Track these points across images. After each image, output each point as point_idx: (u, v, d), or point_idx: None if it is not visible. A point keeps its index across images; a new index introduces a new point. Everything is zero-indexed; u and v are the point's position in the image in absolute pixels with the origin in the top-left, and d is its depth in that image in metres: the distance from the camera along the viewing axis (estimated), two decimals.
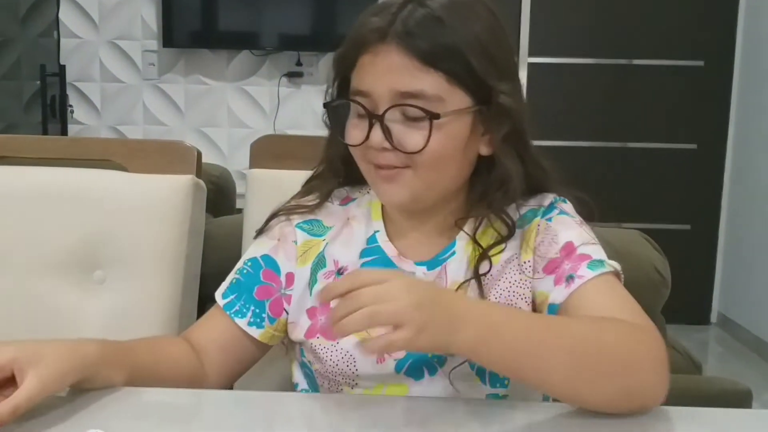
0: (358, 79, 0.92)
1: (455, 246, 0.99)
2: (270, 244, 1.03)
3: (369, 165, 0.94)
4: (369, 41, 0.90)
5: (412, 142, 0.89)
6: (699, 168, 3.88)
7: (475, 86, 0.91)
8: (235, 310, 1.00)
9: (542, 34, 3.78)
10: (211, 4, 3.76)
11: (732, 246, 3.89)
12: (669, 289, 1.51)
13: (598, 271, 0.91)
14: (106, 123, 3.88)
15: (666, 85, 3.81)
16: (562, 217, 0.98)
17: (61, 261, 1.23)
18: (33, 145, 1.33)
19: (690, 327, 3.80)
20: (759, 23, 3.67)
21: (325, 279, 1.00)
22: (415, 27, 0.88)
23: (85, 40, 3.81)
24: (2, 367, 0.77)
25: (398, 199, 0.95)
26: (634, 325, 0.86)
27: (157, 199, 1.24)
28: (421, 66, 0.88)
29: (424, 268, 0.99)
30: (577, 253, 0.93)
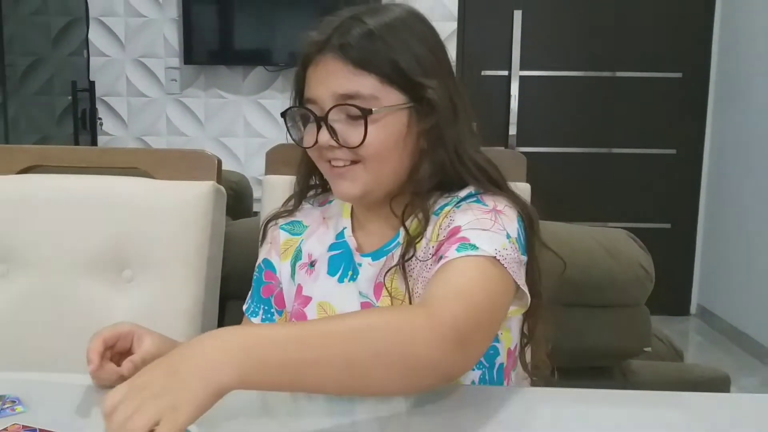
0: (307, 88, 0.96)
1: (398, 237, 0.99)
2: (266, 249, 1.10)
3: (326, 164, 0.96)
4: (311, 54, 0.94)
5: (353, 137, 0.92)
6: (678, 171, 3.87)
7: (406, 85, 0.93)
8: (251, 312, 1.09)
9: (533, 49, 3.78)
10: (228, 25, 3.77)
11: (710, 243, 3.88)
12: (653, 283, 1.51)
13: (464, 252, 0.85)
14: (133, 134, 3.89)
15: (647, 95, 3.81)
16: (470, 203, 0.95)
17: (92, 261, 1.24)
18: (67, 155, 1.34)
19: (672, 318, 3.80)
20: (733, 39, 3.66)
21: (299, 269, 1.05)
22: (349, 38, 0.92)
23: (112, 59, 3.82)
24: (126, 334, 0.92)
25: (351, 193, 0.96)
26: (417, 307, 0.84)
27: (180, 204, 1.25)
28: (355, 70, 0.92)
29: (369, 258, 1.01)
30: (459, 235, 0.89)
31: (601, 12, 3.77)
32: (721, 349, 3.48)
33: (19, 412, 0.82)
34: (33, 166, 1.30)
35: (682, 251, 3.91)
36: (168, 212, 1.24)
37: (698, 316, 3.92)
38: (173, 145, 3.84)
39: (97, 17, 3.77)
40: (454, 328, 0.76)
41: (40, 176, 1.30)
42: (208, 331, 0.73)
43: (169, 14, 3.78)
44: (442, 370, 0.77)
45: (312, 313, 1.03)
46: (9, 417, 0.80)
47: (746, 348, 3.39)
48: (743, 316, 3.48)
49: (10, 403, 0.83)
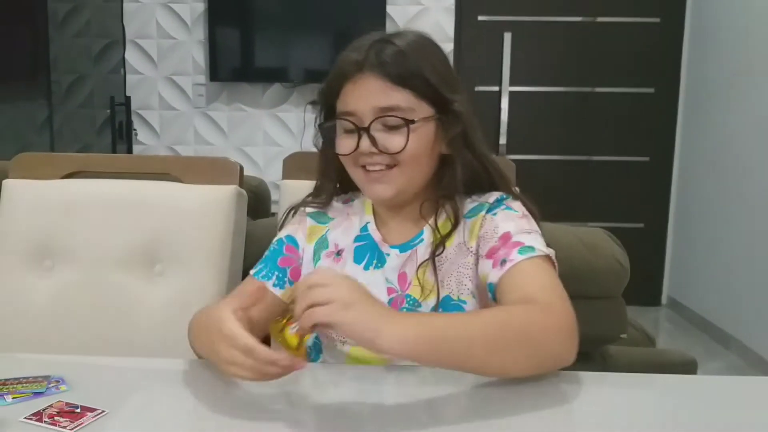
0: (343, 103, 0.97)
1: (423, 234, 1.02)
2: (291, 228, 1.09)
3: (359, 169, 0.98)
4: (349, 72, 0.95)
5: (393, 144, 0.94)
6: (651, 177, 3.86)
7: (435, 99, 0.96)
8: (262, 275, 1.05)
9: (521, 67, 3.77)
10: (249, 46, 3.77)
11: (679, 241, 3.87)
12: (628, 276, 1.51)
13: (526, 255, 0.91)
14: (164, 143, 3.89)
15: (623, 109, 3.80)
16: (506, 211, 0.99)
17: (127, 256, 1.24)
18: (106, 162, 1.34)
19: (645, 308, 3.79)
20: (700, 57, 3.65)
21: (325, 257, 1.06)
22: (386, 57, 0.94)
23: (146, 76, 3.83)
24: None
25: (385, 194, 0.98)
26: (541, 305, 0.85)
27: (206, 206, 1.25)
28: (393, 86, 0.94)
29: (397, 250, 1.02)
30: (512, 240, 0.93)
31: (581, 35, 3.76)
32: (689, 336, 3.47)
33: (63, 390, 0.82)
34: (75, 172, 1.31)
35: (654, 248, 3.90)
36: (195, 213, 1.24)
37: (668, 306, 3.91)
38: (200, 153, 3.84)
39: (132, 39, 3.77)
40: (570, 323, 0.83)
41: (81, 181, 1.30)
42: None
43: (197, 37, 3.78)
44: (565, 357, 0.83)
45: None
46: (54, 395, 0.81)
47: (712, 335, 3.38)
48: (709, 306, 3.47)
49: (55, 382, 0.84)
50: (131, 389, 0.83)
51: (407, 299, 1.00)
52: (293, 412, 0.81)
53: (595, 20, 3.75)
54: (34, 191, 1.28)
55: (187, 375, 0.92)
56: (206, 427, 0.75)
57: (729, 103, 3.34)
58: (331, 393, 0.87)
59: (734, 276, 3.23)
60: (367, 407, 0.82)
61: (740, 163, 3.22)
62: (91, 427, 0.73)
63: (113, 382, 0.86)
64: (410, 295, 1.00)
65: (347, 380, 0.90)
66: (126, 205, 1.26)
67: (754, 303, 3.04)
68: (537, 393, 0.84)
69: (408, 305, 0.99)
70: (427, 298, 0.99)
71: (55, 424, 0.73)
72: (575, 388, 0.84)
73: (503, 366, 0.81)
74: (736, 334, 3.17)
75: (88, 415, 0.75)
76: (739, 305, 3.18)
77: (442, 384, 0.85)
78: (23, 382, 0.83)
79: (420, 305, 0.99)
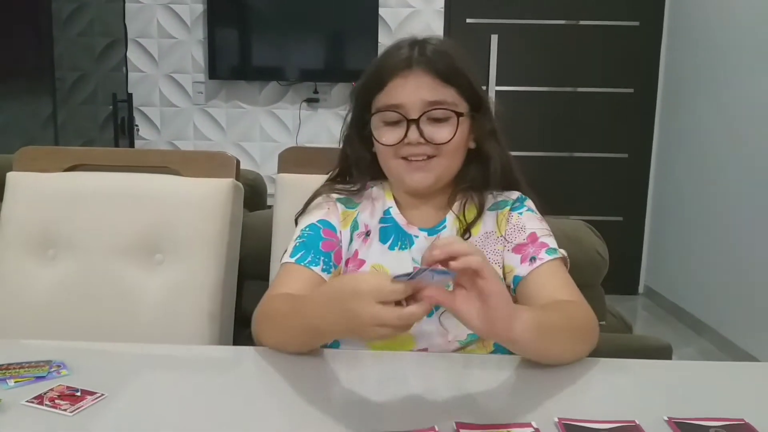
0: (389, 96, 0.98)
1: (446, 221, 1.04)
2: (322, 212, 1.05)
3: (399, 160, 0.99)
4: (398, 68, 0.97)
5: (440, 135, 0.97)
6: (629, 172, 3.87)
7: (472, 97, 1.01)
8: (309, 261, 0.99)
9: (507, 68, 3.76)
10: (247, 46, 3.74)
11: (655, 233, 3.89)
12: (607, 266, 1.51)
13: (552, 256, 0.98)
14: (165, 139, 3.87)
15: (604, 108, 3.80)
16: (529, 213, 1.05)
17: (128, 246, 1.23)
18: (107, 156, 1.33)
19: (623, 297, 3.80)
20: (678, 59, 3.66)
21: (357, 238, 1.05)
22: (432, 56, 0.98)
23: (147, 74, 3.80)
24: None
25: (426, 182, 1.00)
26: (582, 304, 0.93)
27: (204, 198, 1.24)
28: (441, 83, 0.97)
29: (425, 233, 1.03)
30: (539, 241, 1.00)
31: (564, 37, 3.76)
32: (664, 323, 3.49)
33: (64, 374, 0.81)
34: (78, 165, 1.29)
35: (632, 240, 3.91)
36: (193, 205, 1.23)
37: (645, 295, 3.93)
38: (199, 148, 3.82)
39: (134, 38, 3.74)
40: (595, 319, 0.92)
41: (84, 174, 1.29)
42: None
43: (196, 36, 3.75)
44: (593, 347, 0.91)
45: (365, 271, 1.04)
46: (55, 379, 0.80)
47: (685, 322, 3.40)
48: (683, 295, 3.49)
49: (56, 367, 0.83)
50: (130, 374, 0.82)
51: None
52: (298, 398, 0.80)
53: (578, 23, 3.75)
54: (38, 183, 1.27)
55: (185, 360, 0.91)
56: (204, 411, 0.75)
57: (704, 103, 3.35)
58: (352, 378, 0.86)
59: (707, 267, 3.25)
60: (393, 394, 0.81)
61: (714, 161, 3.23)
62: (91, 410, 0.72)
63: (113, 367, 0.85)
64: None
65: (368, 366, 0.90)
66: (126, 197, 1.25)
67: (726, 292, 3.06)
68: (517, 376, 0.84)
69: None
70: None
71: (55, 407, 0.72)
72: (556, 372, 0.84)
73: (562, 354, 0.87)
74: (709, 321, 3.19)
75: (88, 398, 0.74)
76: (711, 294, 3.20)
77: (470, 368, 0.85)
78: (25, 367, 0.82)
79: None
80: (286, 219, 1.14)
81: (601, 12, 3.72)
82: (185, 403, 0.76)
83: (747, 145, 2.94)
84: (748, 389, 0.84)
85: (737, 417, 0.73)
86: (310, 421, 0.72)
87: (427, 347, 0.96)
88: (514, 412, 0.74)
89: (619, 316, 1.69)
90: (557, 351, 0.86)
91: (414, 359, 0.91)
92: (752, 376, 0.90)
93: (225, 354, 1.00)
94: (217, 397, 0.77)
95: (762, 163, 2.82)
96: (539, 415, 0.72)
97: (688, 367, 0.91)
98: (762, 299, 2.79)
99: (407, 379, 0.85)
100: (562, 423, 0.70)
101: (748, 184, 2.92)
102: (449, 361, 0.91)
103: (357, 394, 0.79)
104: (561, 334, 0.86)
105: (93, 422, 0.70)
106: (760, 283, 2.80)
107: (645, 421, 0.71)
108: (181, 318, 1.20)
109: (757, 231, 2.84)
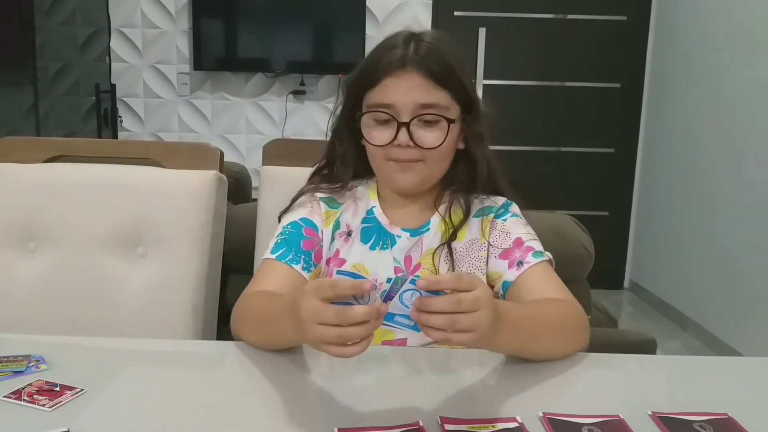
0: (381, 95, 0.96)
1: (430, 223, 1.03)
2: (305, 211, 1.05)
3: (387, 161, 0.98)
4: (392, 68, 0.95)
5: (429, 139, 0.95)
6: (616, 167, 3.89)
7: (464, 99, 0.98)
8: (290, 259, 0.99)
9: (494, 62, 3.77)
10: (233, 36, 3.71)
11: (641, 228, 3.91)
12: (593, 261, 1.51)
13: (539, 259, 0.98)
14: (149, 130, 3.83)
15: (590, 102, 3.82)
16: (514, 219, 1.04)
17: (110, 239, 1.22)
18: (88, 146, 1.31)
19: (608, 291, 3.83)
20: (664, 54, 3.68)
21: (338, 237, 1.04)
22: (426, 55, 0.95)
23: (131, 64, 3.75)
24: None
25: (411, 184, 0.99)
26: (572, 302, 0.94)
27: (188, 190, 1.23)
28: (435, 85, 0.95)
29: (408, 234, 1.03)
30: (525, 245, 1.00)
31: (552, 31, 3.76)
32: (649, 317, 3.52)
33: (43, 369, 0.80)
34: (58, 156, 1.27)
35: (617, 235, 3.94)
36: (176, 197, 1.22)
37: (630, 289, 3.96)
38: (184, 140, 3.78)
39: (117, 28, 3.70)
40: (586, 318, 0.93)
41: (64, 165, 1.27)
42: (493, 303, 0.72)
43: (181, 26, 3.72)
44: (585, 345, 0.91)
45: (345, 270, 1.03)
46: (34, 374, 0.79)
47: (670, 317, 3.43)
48: (668, 290, 3.52)
49: (35, 362, 0.82)
50: (111, 369, 0.81)
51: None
52: (281, 393, 0.80)
53: (566, 17, 3.76)
54: (18, 174, 1.25)
55: (167, 355, 0.90)
56: (186, 407, 0.74)
57: (690, 98, 3.37)
58: (336, 373, 0.86)
59: (691, 262, 3.27)
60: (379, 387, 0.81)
61: (700, 156, 3.25)
62: (70, 406, 0.71)
63: (93, 362, 0.84)
64: (420, 276, 0.96)
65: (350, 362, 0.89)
66: (108, 189, 1.24)
67: (710, 287, 3.09)
68: (502, 371, 0.84)
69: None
70: None
71: (34, 402, 0.71)
72: (541, 366, 0.84)
73: (549, 350, 0.87)
74: (693, 316, 3.22)
75: (67, 393, 0.73)
76: (695, 289, 3.23)
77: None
78: (3, 362, 0.81)
79: None
80: (271, 212, 1.14)
81: (589, 6, 3.73)
82: (167, 399, 0.75)
83: (733, 141, 2.97)
84: (732, 384, 0.84)
85: (721, 411, 0.73)
86: (293, 416, 0.71)
87: (406, 338, 0.96)
88: (499, 407, 0.74)
89: (604, 310, 1.70)
90: (543, 350, 0.86)
91: (398, 354, 0.91)
92: (736, 371, 0.91)
93: (208, 349, 0.99)
94: (199, 393, 0.77)
95: (747, 158, 2.84)
96: (524, 409, 0.72)
97: (672, 362, 0.91)
98: (746, 294, 2.82)
99: (391, 373, 0.85)
100: (546, 417, 0.70)
101: (733, 179, 2.95)
102: (433, 355, 0.91)
103: (340, 389, 0.79)
104: (545, 333, 0.86)
105: (72, 418, 0.69)
106: (745, 278, 2.83)
107: (629, 416, 0.71)
108: (164, 312, 1.19)
109: (741, 226, 2.87)
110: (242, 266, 1.28)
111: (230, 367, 0.87)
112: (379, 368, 0.85)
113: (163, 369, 0.85)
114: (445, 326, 0.67)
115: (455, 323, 0.67)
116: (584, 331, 0.92)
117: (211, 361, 0.90)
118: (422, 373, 0.85)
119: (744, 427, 0.70)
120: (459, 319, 0.67)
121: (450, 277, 0.69)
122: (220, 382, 0.80)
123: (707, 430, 0.69)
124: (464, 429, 0.68)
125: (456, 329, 0.67)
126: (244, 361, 0.87)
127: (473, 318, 0.67)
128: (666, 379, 0.85)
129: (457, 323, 0.67)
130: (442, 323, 0.67)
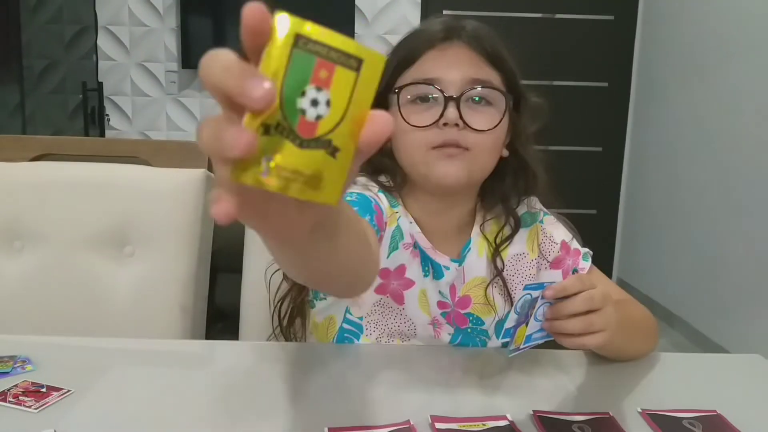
0: (422, 71, 0.81)
1: (471, 243, 0.90)
2: (368, 194, 0.84)
3: (428, 150, 0.81)
4: (436, 40, 0.82)
5: (481, 121, 0.81)
6: (603, 166, 3.91)
7: (514, 89, 0.86)
8: (357, 210, 0.79)
9: None
10: (221, 34, 3.70)
11: (628, 227, 3.94)
12: None
13: (589, 261, 0.94)
14: (137, 129, 3.80)
15: (579, 101, 3.83)
16: (547, 217, 0.97)
17: (97, 238, 1.20)
18: (75, 145, 1.30)
19: None
20: (651, 53, 3.70)
21: (404, 249, 0.86)
22: (479, 32, 0.83)
23: (118, 62, 3.73)
24: None
25: (456, 176, 0.81)
26: (637, 303, 0.93)
27: (175, 189, 1.22)
28: (488, 63, 0.83)
29: (456, 264, 0.89)
30: (572, 248, 0.95)
31: (540, 30, 3.77)
32: None
33: (29, 370, 0.79)
34: (45, 155, 1.26)
35: (605, 233, 3.96)
36: (164, 196, 1.21)
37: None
38: (172, 138, 3.76)
39: (104, 26, 3.67)
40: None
41: (51, 163, 1.26)
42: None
43: (169, 24, 3.69)
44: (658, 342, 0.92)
45: (413, 297, 0.88)
46: (20, 374, 0.78)
47: (658, 314, 3.44)
48: (656, 287, 3.54)
49: (21, 362, 0.80)
50: (98, 369, 0.80)
51: (470, 318, 0.91)
52: (271, 392, 0.79)
53: (554, 17, 3.77)
54: (4, 173, 1.23)
55: (155, 355, 0.89)
56: (175, 407, 0.73)
57: (677, 97, 3.40)
58: (326, 371, 0.85)
59: (679, 260, 3.30)
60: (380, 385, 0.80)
61: (686, 155, 3.28)
62: (57, 407, 0.70)
63: (80, 362, 0.83)
64: (473, 314, 0.91)
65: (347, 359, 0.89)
66: (95, 188, 1.22)
67: (697, 285, 3.11)
68: (492, 369, 0.84)
69: (472, 324, 0.91)
70: (488, 315, 0.91)
71: (20, 404, 0.70)
72: (530, 365, 0.84)
73: (638, 350, 0.87)
74: (680, 314, 3.25)
75: (53, 394, 0.72)
76: (683, 287, 3.25)
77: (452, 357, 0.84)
78: None
79: (483, 323, 0.91)
80: None
81: (577, 5, 3.75)
82: (155, 399, 0.74)
83: (719, 140, 2.99)
84: (720, 381, 0.85)
85: (710, 408, 0.74)
86: (283, 416, 0.70)
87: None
88: (489, 405, 0.74)
89: None
90: (634, 350, 0.87)
91: (388, 352, 0.91)
92: (724, 368, 0.91)
93: (197, 348, 0.98)
94: (188, 393, 0.76)
95: (733, 158, 2.86)
96: (514, 407, 0.72)
97: (660, 359, 0.91)
98: (733, 292, 2.84)
99: (382, 372, 0.85)
100: (537, 415, 0.70)
101: (719, 178, 2.97)
102: (423, 354, 0.90)
103: (331, 387, 0.78)
104: (637, 333, 0.87)
105: (59, 419, 0.68)
106: (731, 275, 2.85)
107: (619, 413, 0.71)
108: (152, 312, 1.18)
109: (727, 225, 2.89)
110: (231, 265, 1.27)
111: (219, 367, 0.86)
112: (370, 367, 0.85)
113: (152, 369, 0.84)
114: (582, 330, 0.68)
115: (590, 326, 0.68)
116: (657, 330, 0.93)
117: (199, 360, 0.89)
118: (413, 372, 0.85)
119: (732, 423, 0.71)
120: (593, 321, 0.68)
121: (574, 281, 0.69)
122: (209, 382, 0.79)
123: (697, 427, 0.70)
124: (455, 427, 0.68)
125: (591, 331, 0.69)
126: (233, 360, 0.86)
127: (604, 317, 0.69)
128: (655, 377, 0.85)
129: (592, 325, 0.68)
130: (580, 327, 0.68)
